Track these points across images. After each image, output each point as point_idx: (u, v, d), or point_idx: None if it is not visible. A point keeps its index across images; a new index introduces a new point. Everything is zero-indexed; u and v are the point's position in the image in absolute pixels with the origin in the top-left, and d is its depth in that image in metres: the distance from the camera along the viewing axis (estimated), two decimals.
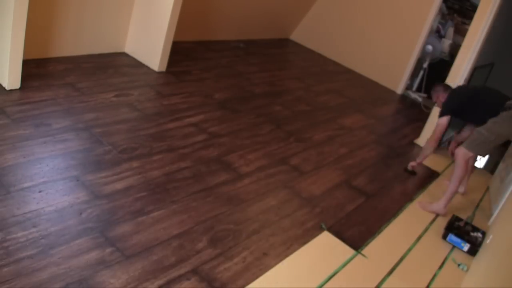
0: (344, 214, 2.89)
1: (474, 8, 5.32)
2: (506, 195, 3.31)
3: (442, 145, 4.51)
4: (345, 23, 6.32)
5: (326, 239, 2.58)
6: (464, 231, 2.98)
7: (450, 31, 6.12)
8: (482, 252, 2.83)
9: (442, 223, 3.13)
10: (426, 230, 3.03)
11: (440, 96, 3.52)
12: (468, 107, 3.33)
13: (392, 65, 6.02)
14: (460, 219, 3.14)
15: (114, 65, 3.90)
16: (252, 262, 2.21)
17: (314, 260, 2.38)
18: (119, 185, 2.42)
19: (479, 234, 3.00)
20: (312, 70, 5.83)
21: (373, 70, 6.20)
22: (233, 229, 2.40)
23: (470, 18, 4.71)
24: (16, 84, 3.04)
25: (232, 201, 2.63)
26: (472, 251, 2.87)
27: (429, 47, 5.87)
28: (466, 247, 2.90)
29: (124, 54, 4.20)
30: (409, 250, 2.74)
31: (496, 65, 5.86)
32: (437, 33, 6.08)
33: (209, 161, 2.94)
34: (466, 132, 3.70)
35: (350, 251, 2.54)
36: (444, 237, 2.96)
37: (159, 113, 3.36)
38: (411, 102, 5.95)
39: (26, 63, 3.09)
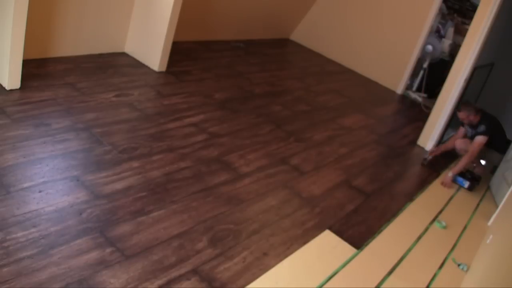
0: (344, 214, 2.89)
1: (474, 8, 5.32)
2: (506, 195, 3.31)
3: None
4: (345, 23, 6.32)
5: (326, 238, 2.58)
6: (464, 174, 3.90)
7: (450, 31, 6.12)
8: (482, 252, 2.83)
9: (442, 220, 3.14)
10: (426, 230, 3.03)
11: (471, 116, 3.87)
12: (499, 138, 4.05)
13: (392, 65, 6.02)
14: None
15: (114, 65, 3.90)
16: (252, 262, 2.21)
17: (314, 260, 2.38)
18: (119, 185, 2.42)
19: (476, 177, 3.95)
20: (312, 70, 5.83)
21: (373, 70, 6.20)
22: (233, 229, 2.40)
23: (470, 18, 4.71)
24: (16, 84, 3.04)
25: (232, 201, 2.63)
26: (471, 188, 3.85)
27: (429, 47, 5.87)
28: (466, 184, 3.85)
29: (124, 54, 4.20)
30: (409, 250, 2.74)
31: (496, 65, 5.86)
32: (437, 33, 6.08)
33: (209, 161, 2.94)
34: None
35: (350, 251, 2.54)
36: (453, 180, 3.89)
37: (159, 113, 3.36)
38: (411, 102, 5.95)
39: (26, 63, 3.09)
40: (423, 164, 4.07)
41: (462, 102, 4.10)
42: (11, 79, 2.98)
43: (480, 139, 3.76)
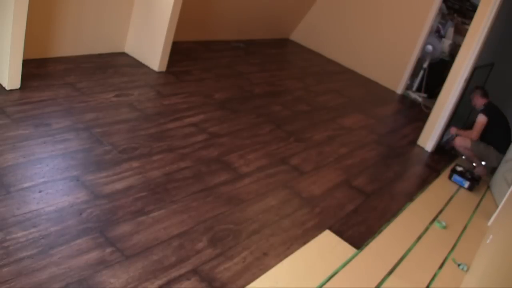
0: (344, 214, 2.89)
1: (474, 8, 5.32)
2: (506, 195, 3.32)
3: (442, 143, 4.51)
4: (345, 23, 6.32)
5: (326, 238, 2.58)
6: (464, 174, 3.88)
7: (450, 31, 6.12)
8: (482, 252, 2.83)
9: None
10: (426, 230, 3.03)
11: (477, 97, 4.26)
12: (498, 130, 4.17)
13: (392, 65, 6.03)
14: (460, 166, 3.97)
15: (114, 65, 3.90)
16: (252, 262, 2.21)
17: (314, 260, 2.38)
18: (119, 185, 2.42)
19: (476, 176, 3.91)
20: (312, 70, 5.84)
21: (373, 70, 6.20)
22: (233, 229, 2.40)
23: (470, 18, 4.71)
24: (16, 84, 3.04)
25: (232, 201, 2.63)
26: (471, 188, 3.84)
27: (429, 47, 5.87)
28: (466, 184, 3.84)
29: (124, 54, 4.20)
30: (409, 250, 2.74)
31: (496, 65, 5.86)
32: (437, 33, 6.08)
33: (209, 161, 2.94)
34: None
35: (350, 251, 2.54)
36: (450, 177, 3.92)
37: (159, 113, 3.36)
38: (411, 102, 5.95)
39: (26, 63, 3.09)
40: (444, 147, 4.48)
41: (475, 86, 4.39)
42: (11, 79, 2.98)
43: (480, 119, 4.06)
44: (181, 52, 4.64)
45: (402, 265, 2.57)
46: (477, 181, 3.89)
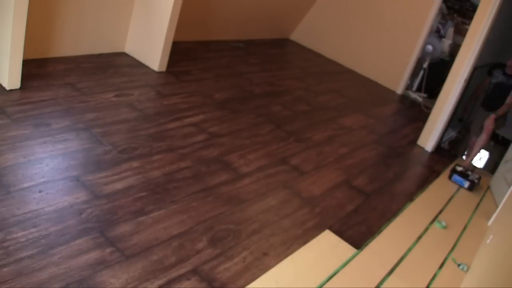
0: (344, 214, 2.89)
1: (474, 8, 5.32)
2: (506, 195, 3.31)
3: (442, 144, 4.51)
4: (345, 23, 6.32)
5: (326, 238, 2.58)
6: (464, 174, 3.88)
7: (450, 31, 6.12)
8: (482, 252, 2.83)
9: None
10: (426, 230, 3.03)
11: None
12: None
13: (392, 65, 6.03)
14: (460, 166, 3.99)
15: (114, 65, 3.90)
16: (252, 262, 2.21)
17: (314, 260, 2.38)
18: (119, 185, 2.42)
19: (476, 176, 3.90)
20: (312, 70, 5.83)
21: (373, 70, 6.20)
22: (233, 229, 2.40)
23: (470, 18, 4.71)
24: (16, 84, 3.04)
25: (232, 201, 2.63)
26: (471, 188, 3.83)
27: (429, 47, 5.87)
28: (466, 184, 3.83)
29: (124, 54, 4.20)
30: (409, 250, 2.74)
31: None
32: (437, 33, 6.08)
33: (209, 161, 2.94)
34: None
35: (350, 251, 2.54)
36: (450, 177, 3.91)
37: (159, 113, 3.36)
38: (411, 102, 5.95)
39: (26, 63, 3.09)
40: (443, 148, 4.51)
41: None
42: (11, 79, 2.98)
43: None
44: (181, 52, 4.64)
45: (402, 265, 2.57)
46: (477, 181, 3.89)
